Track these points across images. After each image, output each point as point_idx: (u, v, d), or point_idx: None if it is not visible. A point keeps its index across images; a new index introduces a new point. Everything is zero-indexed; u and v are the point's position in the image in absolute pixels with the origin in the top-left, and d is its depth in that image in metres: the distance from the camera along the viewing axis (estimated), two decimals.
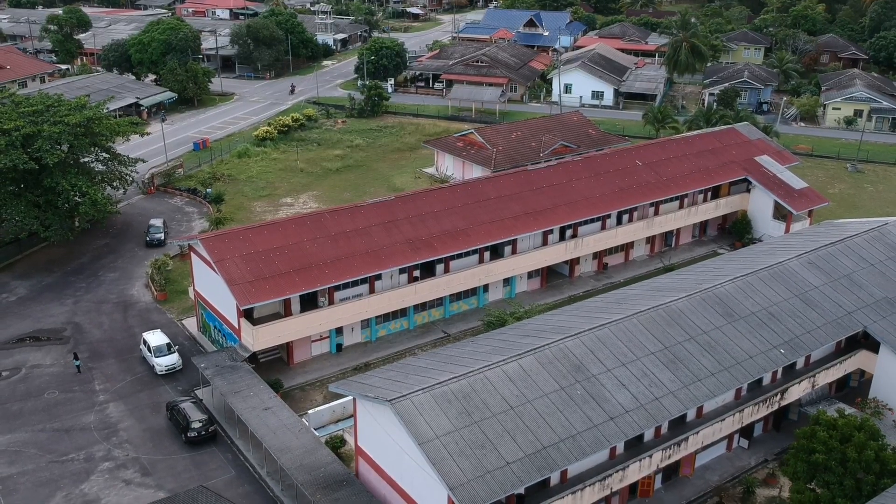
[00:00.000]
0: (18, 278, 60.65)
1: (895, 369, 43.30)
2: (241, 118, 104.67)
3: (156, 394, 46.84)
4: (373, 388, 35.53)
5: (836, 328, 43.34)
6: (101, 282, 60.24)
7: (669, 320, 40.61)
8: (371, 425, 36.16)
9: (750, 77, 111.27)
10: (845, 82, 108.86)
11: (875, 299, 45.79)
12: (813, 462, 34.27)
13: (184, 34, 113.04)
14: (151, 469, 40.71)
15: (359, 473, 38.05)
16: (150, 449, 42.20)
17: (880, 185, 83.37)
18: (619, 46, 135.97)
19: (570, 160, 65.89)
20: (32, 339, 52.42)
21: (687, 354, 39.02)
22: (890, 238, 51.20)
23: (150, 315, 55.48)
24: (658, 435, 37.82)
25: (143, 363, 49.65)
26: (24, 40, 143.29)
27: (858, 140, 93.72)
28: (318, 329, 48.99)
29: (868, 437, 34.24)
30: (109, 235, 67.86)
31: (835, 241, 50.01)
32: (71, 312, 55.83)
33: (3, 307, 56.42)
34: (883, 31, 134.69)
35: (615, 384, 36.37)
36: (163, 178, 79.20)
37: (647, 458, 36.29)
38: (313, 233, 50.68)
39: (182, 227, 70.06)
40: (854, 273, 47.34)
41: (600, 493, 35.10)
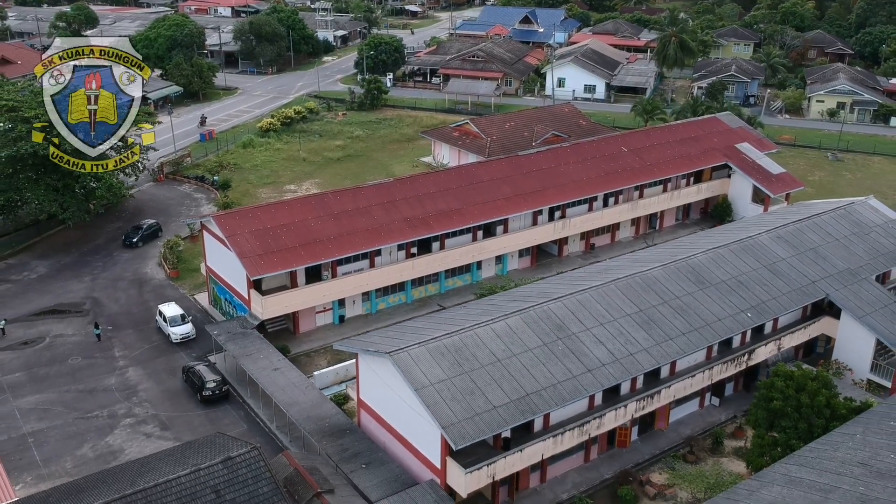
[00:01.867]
0: (38, 258, 64.23)
1: (854, 334, 46.95)
2: (245, 111, 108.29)
3: (171, 360, 50.47)
4: (373, 344, 39.29)
5: (800, 295, 47.04)
6: (117, 261, 63.84)
7: (645, 286, 44.30)
8: (372, 378, 39.80)
9: (737, 71, 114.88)
10: (829, 76, 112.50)
11: (838, 270, 49.46)
12: (771, 409, 37.87)
13: (189, 30, 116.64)
14: (170, 424, 44.34)
15: (361, 424, 41.69)
16: (168, 407, 45.84)
17: (858, 173, 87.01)
18: (612, 42, 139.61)
19: (560, 147, 69.50)
20: (54, 312, 56.07)
21: (660, 316, 42.68)
22: (855, 216, 54.87)
23: (164, 291, 59.10)
24: (633, 389, 41.42)
25: (158, 333, 53.28)
26: (32, 37, 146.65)
27: (839, 131, 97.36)
28: (321, 300, 52.60)
29: (820, 386, 37.85)
30: (123, 219, 71.40)
31: (803, 217, 53.71)
32: (89, 288, 59.43)
33: (25, 284, 60.04)
34: (868, 28, 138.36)
35: (593, 341, 40.05)
36: (172, 166, 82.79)
37: (622, 407, 39.92)
38: (317, 212, 54.30)
39: (191, 211, 73.64)
40: (820, 247, 51.00)
41: (579, 438, 38.72)
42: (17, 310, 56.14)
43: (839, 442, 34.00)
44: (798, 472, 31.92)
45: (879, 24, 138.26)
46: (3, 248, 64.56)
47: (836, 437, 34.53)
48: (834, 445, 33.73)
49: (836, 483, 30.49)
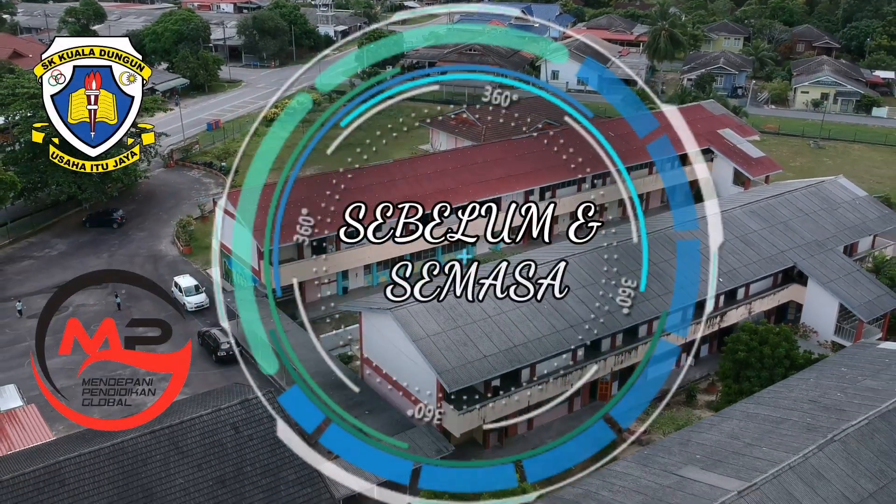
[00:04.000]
0: (57, 237, 68.08)
1: (820, 299, 50.77)
2: (249, 102, 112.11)
3: (187, 326, 54.18)
4: (375, 303, 43.16)
5: (769, 263, 50.89)
6: (132, 239, 67.70)
7: (625, 253, 48.07)
8: (374, 335, 43.66)
9: (725, 63, 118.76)
10: (814, 68, 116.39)
11: (806, 241, 53.29)
12: (737, 360, 41.78)
13: (195, 25, 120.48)
14: (188, 381, 47.79)
15: (364, 377, 45.58)
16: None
17: (838, 159, 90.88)
18: (605, 37, 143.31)
19: (550, 132, 73.21)
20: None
21: (639, 280, 46.48)
22: (825, 193, 58.69)
23: (178, 265, 62.97)
24: (613, 345, 45.30)
25: (174, 303, 57.09)
26: (41, 32, 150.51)
27: (822, 120, 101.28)
28: (325, 271, 56.42)
29: (782, 339, 41.73)
30: (136, 202, 75.28)
31: (776, 194, 57.56)
32: (107, 264, 63.27)
33: (47, 260, 63.87)
34: (854, 22, 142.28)
35: (577, 301, 43.88)
36: (181, 153, 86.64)
37: (602, 361, 43.81)
38: (322, 189, 57.99)
39: (201, 194, 77.49)
40: (790, 220, 54.82)
41: (562, 388, 42.46)
42: (41, 283, 60.01)
43: (794, 385, 37.98)
44: (755, 409, 35.87)
45: (865, 19, 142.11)
46: (24, 228, 68.39)
47: (792, 382, 38.52)
48: (789, 388, 37.71)
49: (787, 416, 34.41)
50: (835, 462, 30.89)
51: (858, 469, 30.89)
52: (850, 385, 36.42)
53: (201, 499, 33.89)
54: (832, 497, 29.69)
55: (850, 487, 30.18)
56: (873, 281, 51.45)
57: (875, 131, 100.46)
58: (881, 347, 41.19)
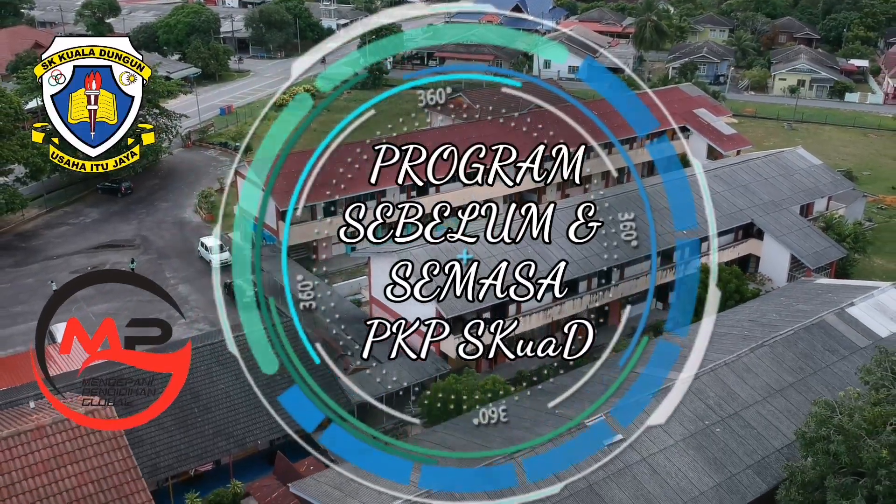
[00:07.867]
0: (90, 207, 74.75)
1: (774, 251, 57.45)
2: (258, 90, 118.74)
3: (215, 278, 60.96)
4: (382, 249, 49.82)
5: (729, 219, 57.51)
6: (158, 209, 74.37)
7: (601, 212, 54.74)
8: (381, 276, 50.30)
9: (708, 53, 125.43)
10: (791, 56, 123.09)
11: (763, 201, 59.94)
12: None
13: (206, 17, 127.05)
14: (217, 323, 54.67)
15: (372, 315, 52.27)
16: (214, 311, 56.15)
17: (809, 139, 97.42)
18: (596, 29, 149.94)
19: (539, 111, 79.85)
20: (111, 246, 66.64)
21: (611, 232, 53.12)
22: (783, 161, 65.37)
23: (202, 230, 69.54)
24: (589, 287, 51.98)
25: (200, 261, 63.75)
26: (55, 26, 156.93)
27: (795, 104, 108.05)
28: (335, 231, 62.89)
29: (732, 276, 48.37)
30: (159, 177, 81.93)
31: (738, 162, 64.25)
32: (137, 229, 69.93)
33: (82, 226, 70.55)
34: (833, 14, 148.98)
35: (557, 248, 50.53)
36: (198, 134, 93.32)
37: (579, 298, 50.51)
38: (332, 158, 64.71)
39: (219, 171, 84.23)
40: (750, 184, 61.47)
41: (544, 321, 49.24)
42: (78, 245, 66.65)
43: (739, 310, 44.74)
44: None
45: (844, 11, 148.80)
46: (59, 199, 75.04)
47: (737, 308, 45.25)
48: (735, 312, 44.45)
49: (728, 331, 41.14)
50: (762, 361, 37.65)
51: (782, 366, 37.65)
52: (785, 308, 43.19)
53: (238, 400, 40.65)
54: (759, 386, 36.45)
55: (774, 379, 36.94)
56: (822, 235, 58.19)
57: (845, 115, 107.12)
58: (817, 283, 47.94)
